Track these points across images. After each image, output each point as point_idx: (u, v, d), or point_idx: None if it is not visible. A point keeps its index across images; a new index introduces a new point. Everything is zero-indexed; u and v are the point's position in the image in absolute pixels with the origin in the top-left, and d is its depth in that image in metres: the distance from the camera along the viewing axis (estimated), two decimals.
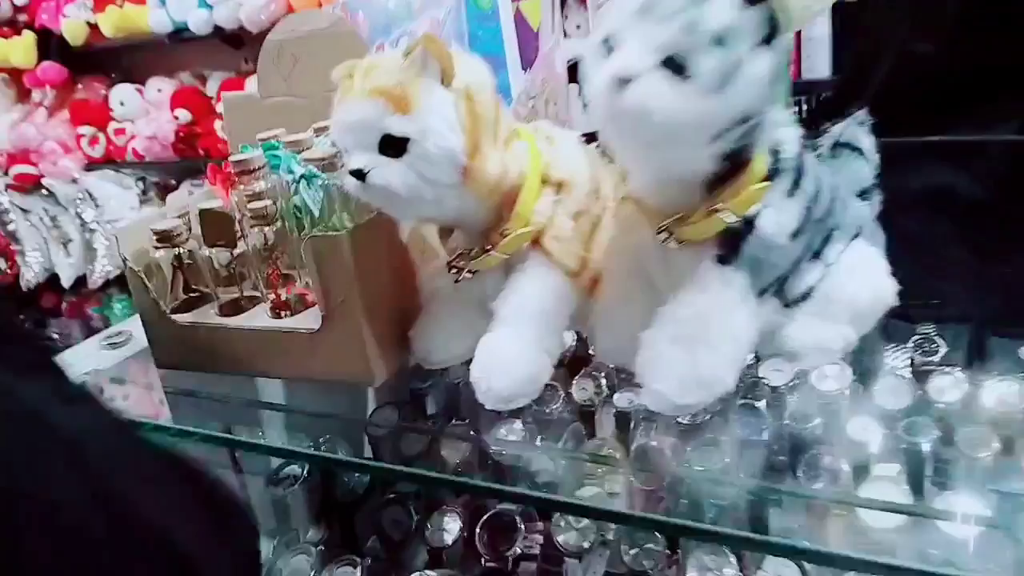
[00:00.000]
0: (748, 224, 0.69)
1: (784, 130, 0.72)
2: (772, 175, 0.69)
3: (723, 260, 0.70)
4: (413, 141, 0.69)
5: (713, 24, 0.59)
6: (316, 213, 0.79)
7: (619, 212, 0.79)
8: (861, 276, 0.78)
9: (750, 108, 0.63)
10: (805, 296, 0.77)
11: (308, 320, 0.85)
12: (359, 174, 0.71)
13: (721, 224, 0.68)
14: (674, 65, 0.59)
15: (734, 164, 0.67)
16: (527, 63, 1.07)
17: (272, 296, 0.88)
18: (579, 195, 0.79)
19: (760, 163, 0.69)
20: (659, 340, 0.72)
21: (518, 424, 0.80)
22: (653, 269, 0.77)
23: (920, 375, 0.82)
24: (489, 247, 0.78)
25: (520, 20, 1.07)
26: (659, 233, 0.71)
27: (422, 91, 0.70)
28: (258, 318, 0.88)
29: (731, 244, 0.70)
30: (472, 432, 0.83)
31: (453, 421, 0.86)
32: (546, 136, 0.81)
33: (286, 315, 0.87)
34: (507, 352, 0.77)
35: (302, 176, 0.78)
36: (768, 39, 0.61)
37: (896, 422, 0.74)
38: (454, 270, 0.80)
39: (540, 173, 0.78)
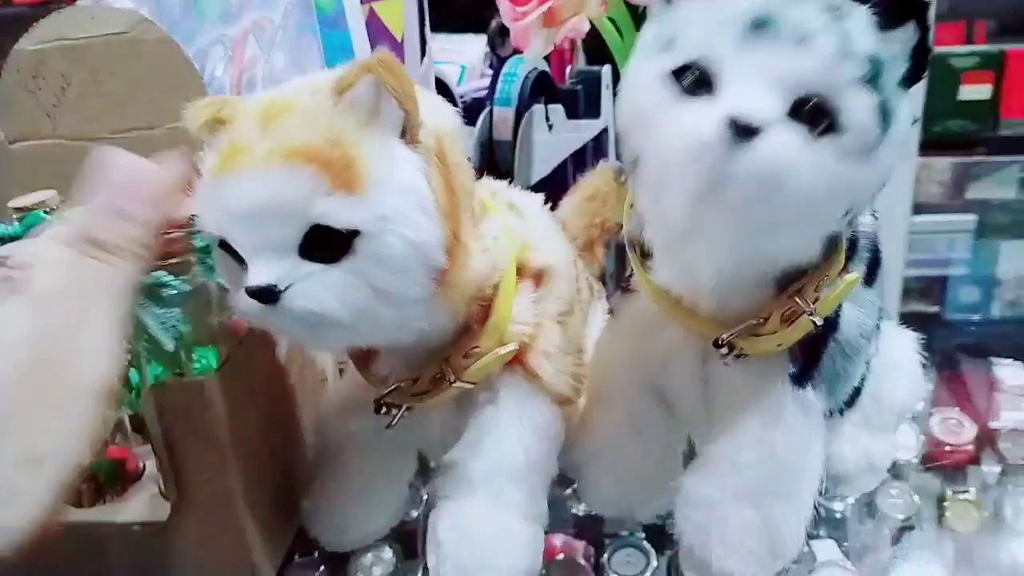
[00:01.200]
0: (828, 327, 0.50)
1: None
2: (849, 259, 0.51)
3: (800, 380, 0.50)
4: (365, 236, 0.41)
5: (861, 53, 0.39)
6: (171, 347, 0.47)
7: (624, 308, 0.56)
8: (906, 371, 0.62)
9: (891, 172, 0.43)
10: (851, 402, 0.59)
11: (139, 505, 0.53)
12: (270, 293, 0.42)
13: (807, 329, 0.48)
14: (812, 113, 0.39)
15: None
16: None
17: None
18: (564, 288, 0.55)
19: (841, 246, 0.50)
20: (717, 496, 0.51)
21: None
22: (675, 388, 0.55)
23: None
24: (449, 375, 0.51)
25: (377, 26, 0.80)
26: (719, 347, 0.49)
27: (377, 153, 0.42)
28: None
29: (810, 356, 0.50)
30: None
31: None
32: (507, 203, 0.56)
33: (89, 494, 0.54)
34: (496, 539, 0.51)
35: (145, 288, 0.46)
36: (911, 78, 0.42)
37: None
38: (385, 410, 0.53)
39: (517, 262, 0.53)
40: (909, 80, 0.42)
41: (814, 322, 0.47)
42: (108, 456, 0.55)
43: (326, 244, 0.42)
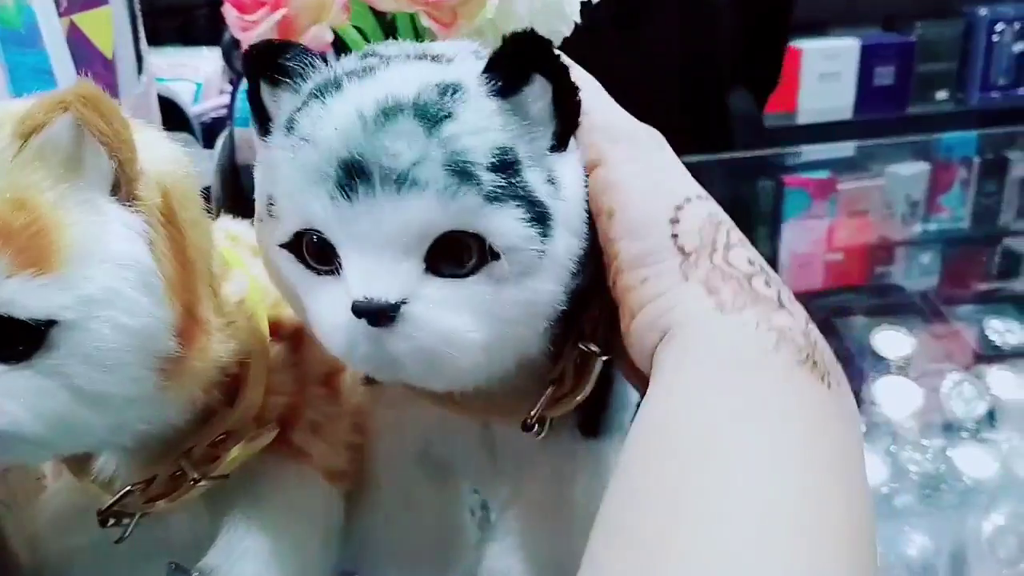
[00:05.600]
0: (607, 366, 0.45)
1: None
2: None
3: (588, 429, 0.45)
4: (62, 326, 0.32)
5: (481, 160, 0.32)
6: None
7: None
8: None
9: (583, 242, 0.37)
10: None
11: None
12: None
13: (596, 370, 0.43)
14: (452, 256, 0.33)
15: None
16: None
17: None
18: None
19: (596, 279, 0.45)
20: (519, 569, 0.45)
21: None
22: (456, 455, 0.48)
23: None
24: (191, 472, 0.41)
25: (81, 42, 0.68)
26: (529, 429, 0.41)
27: (78, 217, 0.32)
28: None
29: (594, 402, 0.44)
30: None
31: None
32: (251, 248, 0.47)
33: None
34: None
35: None
36: (562, 136, 0.36)
37: None
38: (114, 520, 0.42)
39: (268, 320, 0.44)
40: (562, 137, 0.36)
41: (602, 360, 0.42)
42: None
43: (8, 339, 0.32)
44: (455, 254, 0.33)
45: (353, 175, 0.32)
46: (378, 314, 0.32)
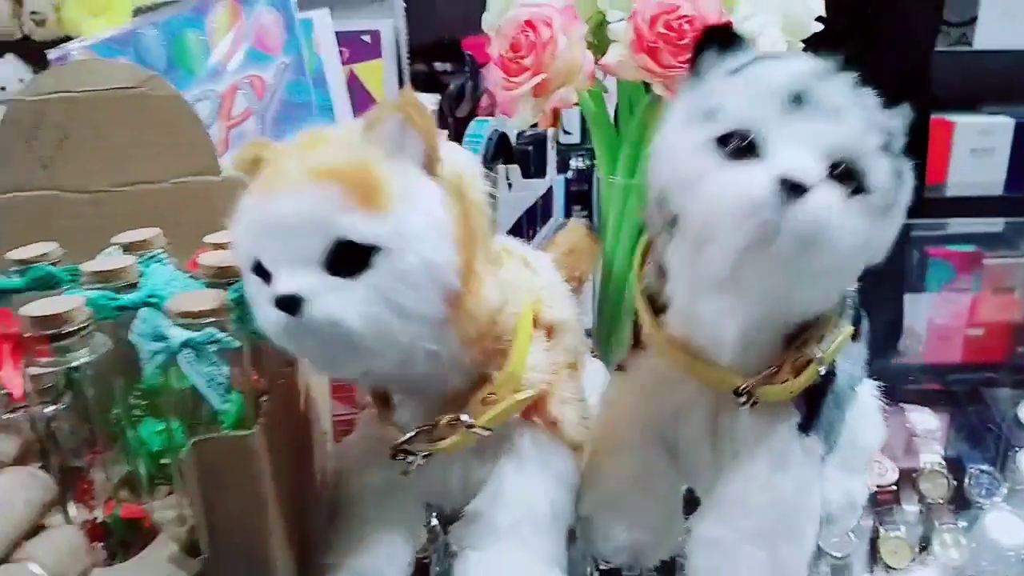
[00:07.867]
0: (827, 378, 0.55)
1: None
2: (840, 315, 0.56)
3: (805, 427, 0.55)
4: (384, 252, 0.44)
5: (880, 125, 0.46)
6: (219, 405, 0.48)
7: (635, 364, 0.59)
8: (872, 415, 0.67)
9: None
10: (832, 447, 0.64)
11: (163, 563, 0.52)
12: (292, 303, 0.44)
13: (813, 377, 0.53)
14: (845, 176, 0.45)
15: None
16: None
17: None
18: (573, 341, 0.59)
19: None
20: (729, 538, 0.54)
21: None
22: (685, 441, 0.58)
23: None
24: (466, 419, 0.53)
25: (357, 87, 0.83)
26: (739, 395, 0.53)
27: (400, 178, 0.45)
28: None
29: (813, 405, 0.55)
30: None
31: None
32: (522, 259, 0.59)
33: (101, 549, 0.53)
34: None
35: (187, 345, 0.47)
36: (911, 148, 0.48)
37: None
38: (402, 456, 0.54)
39: (532, 313, 0.55)
40: (908, 150, 0.48)
41: (820, 371, 0.52)
42: (123, 515, 0.54)
43: (349, 260, 0.44)
44: (844, 180, 0.44)
45: (801, 99, 0.45)
46: (796, 187, 0.43)
